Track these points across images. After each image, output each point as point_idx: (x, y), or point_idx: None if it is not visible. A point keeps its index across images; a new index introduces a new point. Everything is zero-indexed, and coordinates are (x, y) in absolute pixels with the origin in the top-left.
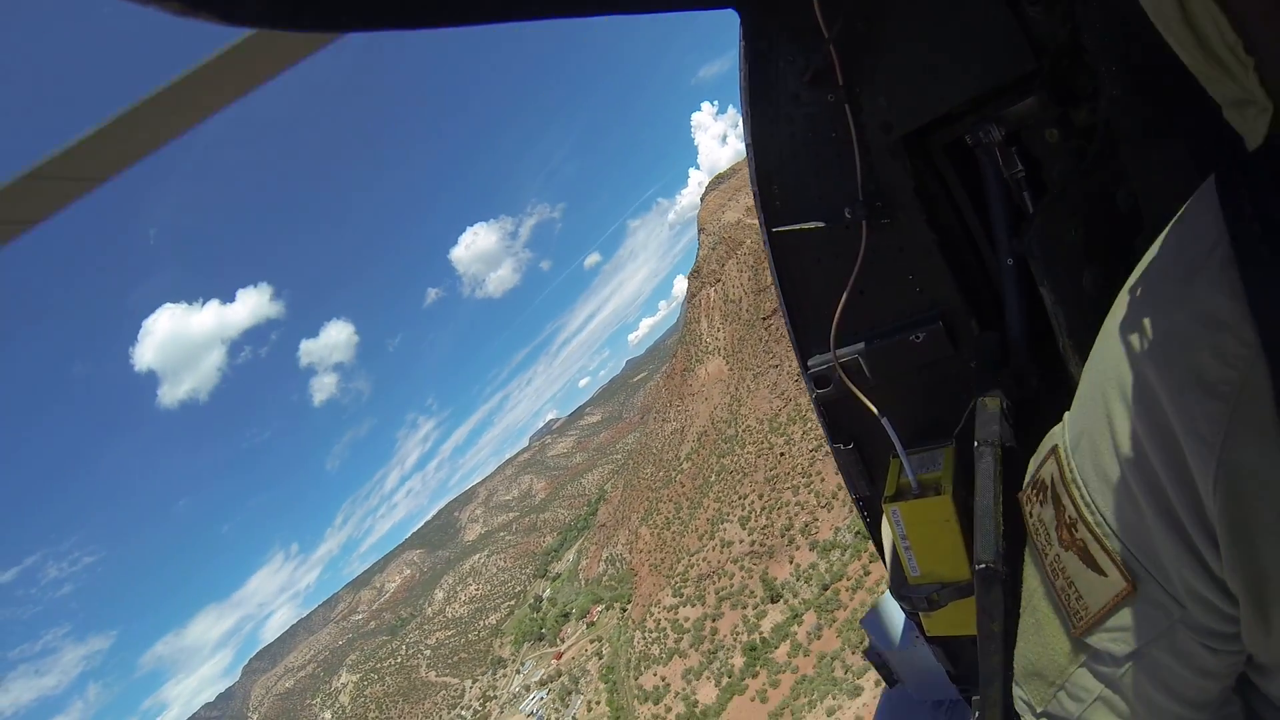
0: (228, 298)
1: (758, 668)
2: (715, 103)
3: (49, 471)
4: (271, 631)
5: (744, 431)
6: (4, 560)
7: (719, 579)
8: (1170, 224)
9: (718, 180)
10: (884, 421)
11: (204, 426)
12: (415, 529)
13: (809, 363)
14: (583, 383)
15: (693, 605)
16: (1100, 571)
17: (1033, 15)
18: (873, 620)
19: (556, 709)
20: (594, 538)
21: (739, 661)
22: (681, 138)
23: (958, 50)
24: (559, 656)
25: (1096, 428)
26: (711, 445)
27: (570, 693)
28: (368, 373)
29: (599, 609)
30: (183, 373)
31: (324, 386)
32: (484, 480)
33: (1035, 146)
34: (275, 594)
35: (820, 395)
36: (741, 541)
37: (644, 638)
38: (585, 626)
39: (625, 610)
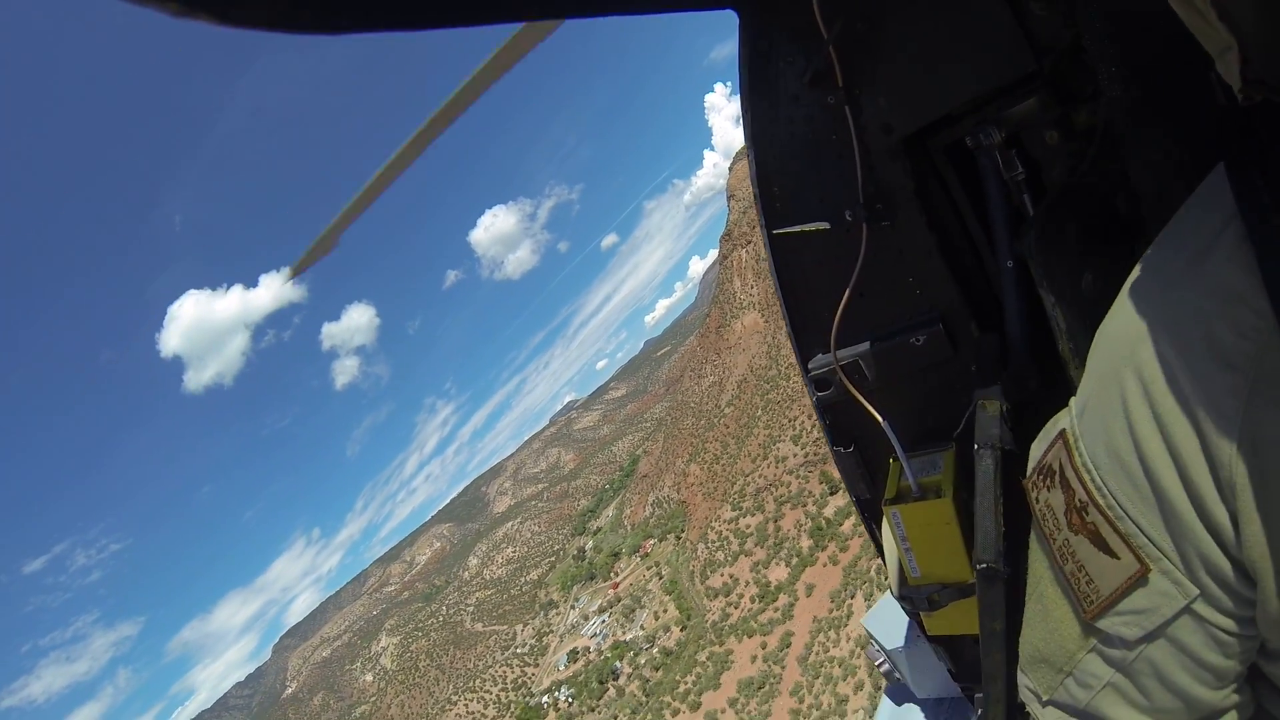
0: (251, 283)
1: (826, 542)
2: (728, 84)
3: (76, 459)
4: (295, 615)
5: (788, 368)
6: (34, 548)
7: (777, 489)
8: (1181, 208)
9: (744, 151)
10: (884, 424)
11: (229, 411)
12: (443, 505)
13: (809, 365)
14: (600, 365)
15: (752, 515)
16: (1112, 554)
17: (1033, 16)
18: (875, 620)
19: (621, 625)
20: (636, 488)
21: (806, 543)
22: (695, 119)
23: (958, 51)
24: (615, 587)
25: (1108, 408)
26: (754, 388)
27: (634, 610)
28: (387, 357)
29: (651, 543)
30: (208, 358)
31: (346, 369)
32: (511, 455)
33: (1035, 148)
34: (298, 578)
35: (821, 398)
36: (795, 455)
37: (707, 548)
38: (639, 558)
39: (680, 537)
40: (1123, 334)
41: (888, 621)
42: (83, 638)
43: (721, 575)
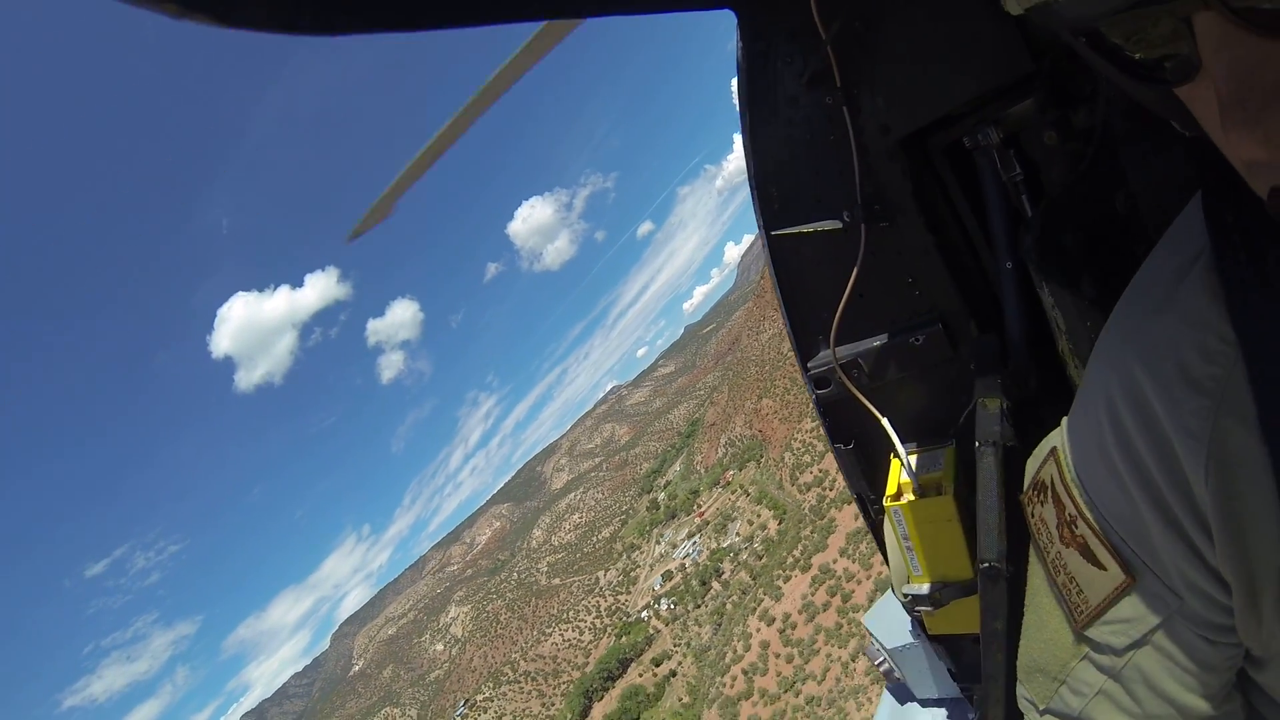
0: (297, 283)
1: None
2: None
3: (134, 462)
4: (346, 610)
5: None
6: (95, 552)
7: None
8: (1167, 231)
9: None
10: (884, 422)
11: (279, 409)
12: (498, 488)
13: (809, 364)
14: (641, 352)
15: None
16: (1100, 566)
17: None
18: (875, 618)
19: (714, 538)
20: (704, 437)
21: None
22: (723, 102)
23: (956, 52)
24: (701, 515)
25: (1092, 428)
26: None
27: (725, 525)
28: (430, 351)
29: (731, 473)
30: (257, 357)
31: (391, 364)
32: (565, 434)
33: (1033, 149)
34: (349, 575)
35: (821, 396)
36: None
37: (793, 455)
38: (721, 488)
39: (761, 461)
40: (1104, 356)
41: (888, 620)
42: (142, 637)
43: (811, 472)
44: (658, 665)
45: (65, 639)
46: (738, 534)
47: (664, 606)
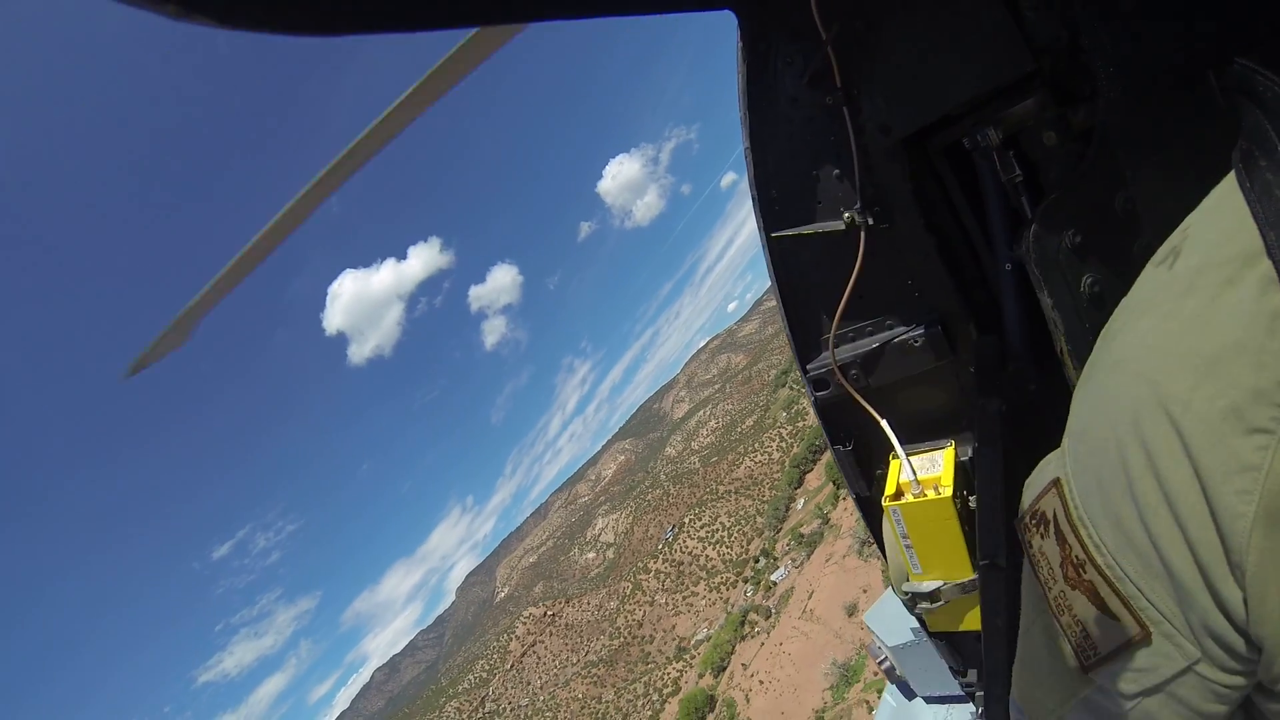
0: (401, 255)
1: None
2: None
3: (256, 445)
4: (455, 580)
5: None
6: (220, 536)
7: None
8: (1184, 229)
9: None
10: (883, 423)
11: (389, 381)
12: (619, 428)
13: (808, 365)
14: (731, 306)
15: None
16: (1112, 615)
17: (1031, 17)
18: (876, 617)
19: None
20: None
21: None
22: None
23: (956, 52)
24: None
25: (1107, 465)
26: None
27: None
28: (530, 316)
29: None
30: (367, 331)
31: (494, 329)
32: (682, 369)
33: (1033, 150)
34: (456, 546)
35: (819, 398)
36: None
37: None
38: None
39: None
40: (1121, 383)
41: (889, 619)
42: (267, 614)
43: None
44: None
45: (198, 619)
46: None
47: None
